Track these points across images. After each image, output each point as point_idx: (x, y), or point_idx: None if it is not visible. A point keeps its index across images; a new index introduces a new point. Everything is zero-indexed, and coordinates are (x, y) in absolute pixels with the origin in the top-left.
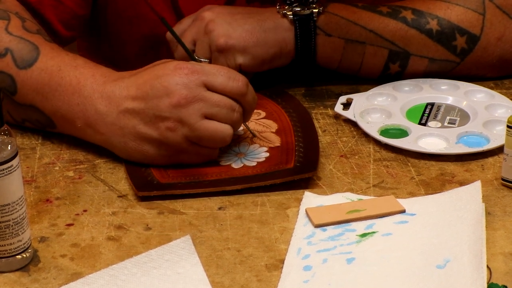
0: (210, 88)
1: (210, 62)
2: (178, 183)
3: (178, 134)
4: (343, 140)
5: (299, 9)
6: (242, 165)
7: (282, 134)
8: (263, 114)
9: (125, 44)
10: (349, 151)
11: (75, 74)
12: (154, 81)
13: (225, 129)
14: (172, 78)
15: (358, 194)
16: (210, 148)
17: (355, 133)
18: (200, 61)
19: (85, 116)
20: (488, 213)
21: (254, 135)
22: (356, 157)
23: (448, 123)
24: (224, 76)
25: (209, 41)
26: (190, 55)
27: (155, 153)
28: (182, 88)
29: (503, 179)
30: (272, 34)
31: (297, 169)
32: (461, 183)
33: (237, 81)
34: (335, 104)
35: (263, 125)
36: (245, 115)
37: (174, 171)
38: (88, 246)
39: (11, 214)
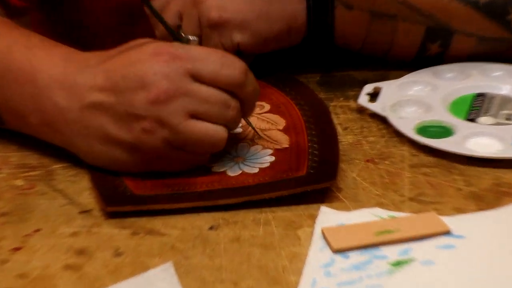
0: (198, 78)
1: (199, 42)
2: (158, 196)
3: (157, 138)
4: (369, 140)
5: None
6: (240, 172)
7: (291, 133)
8: (267, 107)
9: (92, 16)
10: (377, 155)
11: (28, 56)
12: (127, 69)
13: (217, 131)
14: (149, 66)
15: (389, 210)
16: (198, 154)
17: (384, 131)
18: (187, 41)
19: (40, 111)
20: None
21: (258, 134)
22: (387, 162)
23: (505, 119)
24: (216, 63)
25: (199, 14)
26: (172, 34)
27: (128, 160)
28: (162, 78)
29: None
30: (279, 5)
31: (311, 178)
32: None
33: (233, 69)
34: (359, 95)
35: (268, 121)
36: (245, 112)
37: (153, 181)
38: (40, 277)
39: None
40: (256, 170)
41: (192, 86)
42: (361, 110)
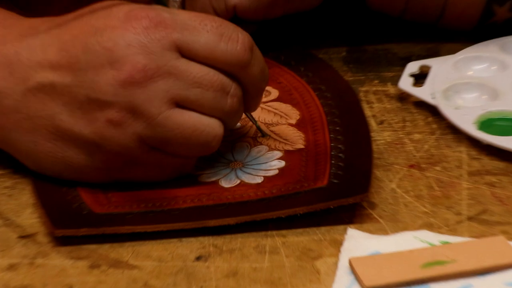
0: (186, 53)
1: (182, 4)
2: (127, 215)
3: (128, 133)
4: (414, 138)
5: None
6: (238, 182)
7: (307, 129)
8: (275, 93)
9: None
10: (425, 158)
11: None
12: (89, 39)
13: (209, 126)
14: (120, 35)
15: (441, 233)
16: (182, 157)
17: (434, 126)
18: (166, 2)
19: None
20: None
21: (264, 135)
22: (438, 168)
23: None
24: (213, 33)
25: None
26: None
27: (87, 164)
28: (138, 52)
29: None
30: None
31: (335, 190)
32: None
33: (234, 42)
34: (400, 76)
35: (275, 112)
36: (249, 101)
37: (120, 194)
38: None
39: None
40: (260, 180)
41: (178, 64)
42: (403, 98)
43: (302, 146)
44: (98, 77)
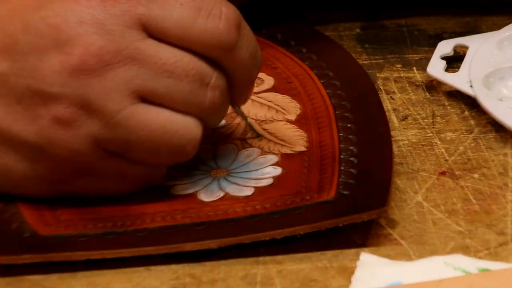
0: (154, 33)
1: None
2: (79, 237)
3: (79, 134)
4: (446, 138)
5: None
6: (221, 194)
7: (310, 127)
8: (269, 81)
9: None
10: (460, 163)
11: None
12: (31, 15)
13: (184, 127)
14: (71, 10)
15: (480, 258)
16: (149, 165)
17: (472, 122)
18: None
19: None
20: None
21: (257, 135)
22: (476, 175)
23: None
24: (188, 6)
25: None
26: None
27: (29, 173)
28: (93, 31)
29: None
30: None
31: (344, 204)
32: None
33: (215, 17)
34: (429, 59)
35: (270, 106)
36: (236, 94)
37: (71, 211)
38: None
39: None
40: (249, 192)
41: (144, 46)
42: (432, 86)
43: (304, 149)
44: (42, 63)
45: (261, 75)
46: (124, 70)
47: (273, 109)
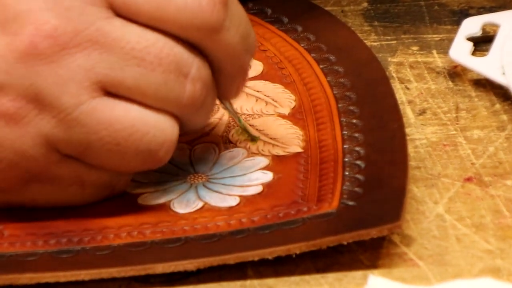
0: (121, 11)
1: None
2: (28, 256)
3: (28, 133)
4: (472, 137)
5: None
6: (200, 205)
7: (308, 122)
8: (257, 67)
9: None
10: (489, 167)
11: None
12: None
13: (156, 127)
14: None
15: None
16: (112, 171)
17: (505, 117)
18: None
19: None
20: None
21: (253, 138)
22: (509, 182)
23: None
24: None
25: None
26: None
27: None
28: (46, 7)
29: None
30: None
31: (349, 217)
32: None
33: None
34: (451, 41)
35: (258, 97)
36: (224, 85)
37: (17, 226)
38: None
39: None
40: (234, 202)
41: (108, 27)
42: (456, 74)
43: (300, 149)
44: None
45: None
46: (83, 55)
47: (262, 101)
